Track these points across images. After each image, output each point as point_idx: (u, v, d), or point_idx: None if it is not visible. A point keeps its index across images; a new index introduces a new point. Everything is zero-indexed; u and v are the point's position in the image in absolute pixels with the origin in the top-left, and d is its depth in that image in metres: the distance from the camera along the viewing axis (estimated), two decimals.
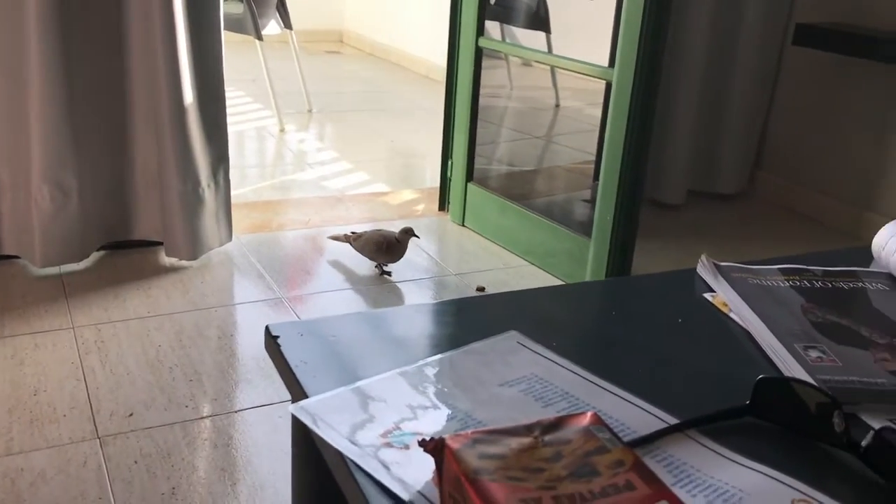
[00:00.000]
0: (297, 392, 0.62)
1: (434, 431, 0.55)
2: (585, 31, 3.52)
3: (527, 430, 0.48)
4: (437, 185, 3.01)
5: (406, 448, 0.53)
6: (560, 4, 3.94)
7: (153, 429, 1.66)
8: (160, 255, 2.42)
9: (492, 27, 3.72)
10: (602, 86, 2.73)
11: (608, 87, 2.33)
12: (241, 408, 1.76)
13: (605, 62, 2.61)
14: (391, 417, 0.57)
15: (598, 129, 3.09)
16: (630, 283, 0.94)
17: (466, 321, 0.74)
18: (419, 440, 0.49)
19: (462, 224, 2.87)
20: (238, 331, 2.09)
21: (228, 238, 2.49)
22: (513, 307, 0.77)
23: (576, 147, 3.99)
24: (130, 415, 1.70)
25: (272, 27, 4.02)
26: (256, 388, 1.83)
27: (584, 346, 0.72)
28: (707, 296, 0.79)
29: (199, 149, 2.32)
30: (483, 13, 2.71)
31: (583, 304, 0.82)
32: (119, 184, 2.35)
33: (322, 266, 2.50)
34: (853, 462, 0.54)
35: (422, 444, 0.48)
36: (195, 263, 2.40)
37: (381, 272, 2.45)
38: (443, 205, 2.99)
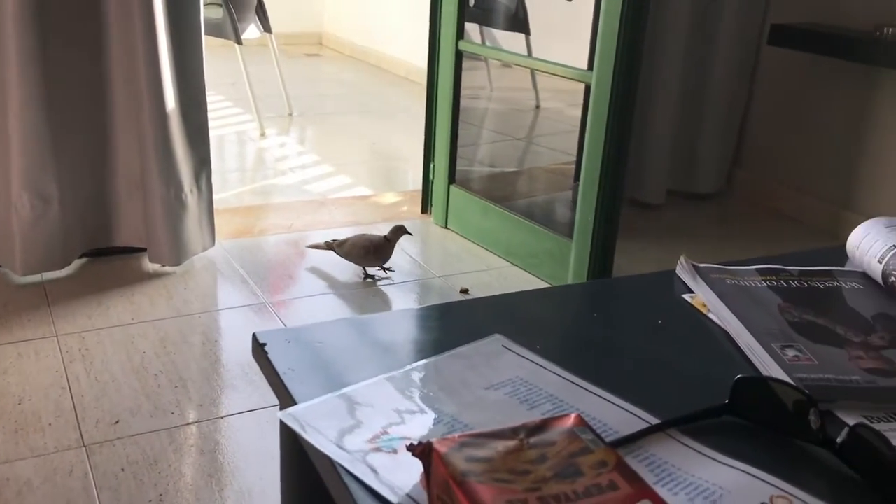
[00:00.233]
0: (286, 399, 0.62)
1: (421, 435, 0.56)
2: (564, 32, 3.54)
3: (512, 433, 0.49)
4: (420, 188, 3.02)
5: (394, 452, 0.54)
6: (539, 6, 3.96)
7: (139, 436, 1.66)
8: (143, 262, 2.42)
9: (471, 29, 3.73)
10: (582, 86, 2.74)
11: (587, 89, 2.34)
12: (227, 413, 1.77)
13: (584, 62, 2.63)
14: (379, 422, 0.58)
15: (579, 131, 3.11)
16: (611, 286, 0.96)
17: (451, 325, 0.75)
18: (407, 444, 0.50)
19: (445, 226, 2.88)
20: (222, 336, 2.10)
21: (211, 243, 2.49)
22: (497, 311, 0.78)
23: (556, 148, 4.01)
24: (116, 422, 1.70)
25: (251, 31, 4.01)
26: (242, 394, 1.84)
27: (568, 349, 0.73)
28: (686, 297, 0.80)
29: (182, 154, 2.32)
30: (463, 16, 2.72)
31: (565, 307, 0.83)
32: (100, 190, 2.34)
33: (305, 271, 2.51)
34: (829, 458, 0.55)
35: (410, 449, 0.49)
36: (178, 269, 2.39)
37: (366, 276, 2.44)
38: (425, 207, 3.00)
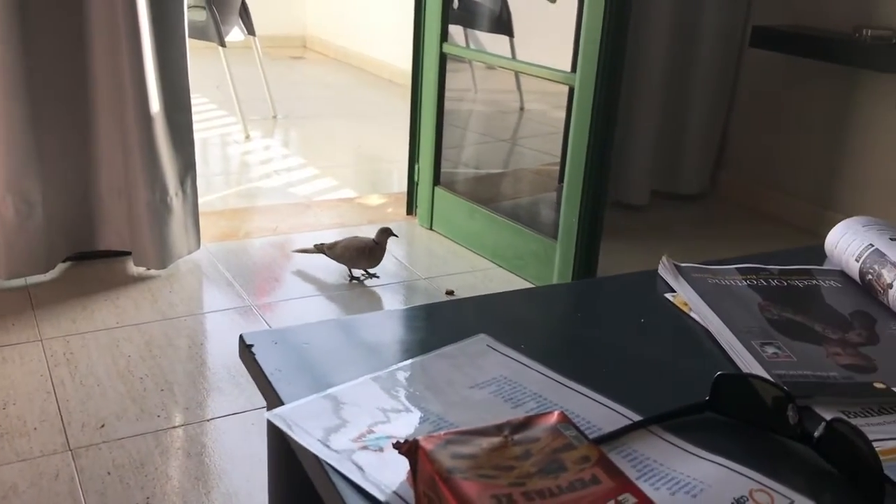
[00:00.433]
0: (273, 399, 0.63)
1: (407, 434, 0.57)
2: (548, 35, 3.56)
3: (497, 430, 0.50)
4: (405, 190, 3.02)
5: (380, 451, 0.55)
6: (522, 8, 3.98)
7: (125, 439, 1.66)
8: (128, 265, 2.41)
9: (455, 31, 3.74)
10: (565, 88, 2.76)
11: (571, 92, 2.36)
12: (213, 416, 1.77)
13: (567, 63, 2.64)
14: (365, 421, 0.58)
15: (563, 132, 3.13)
16: (595, 285, 0.97)
17: (437, 326, 0.76)
18: (393, 442, 0.51)
19: (430, 228, 2.89)
20: (208, 339, 2.09)
21: (196, 246, 2.49)
22: (482, 311, 0.79)
23: (541, 150, 4.03)
24: (102, 426, 1.69)
25: (235, 33, 4.00)
26: (228, 397, 1.84)
27: (552, 348, 0.74)
28: (668, 296, 0.81)
29: (167, 158, 2.31)
30: (447, 19, 2.73)
31: (550, 307, 0.84)
32: (85, 194, 2.33)
33: (290, 273, 2.51)
34: (807, 452, 0.56)
35: (396, 446, 0.50)
36: (163, 273, 2.39)
37: (359, 277, 2.44)
38: (411, 209, 3.01)
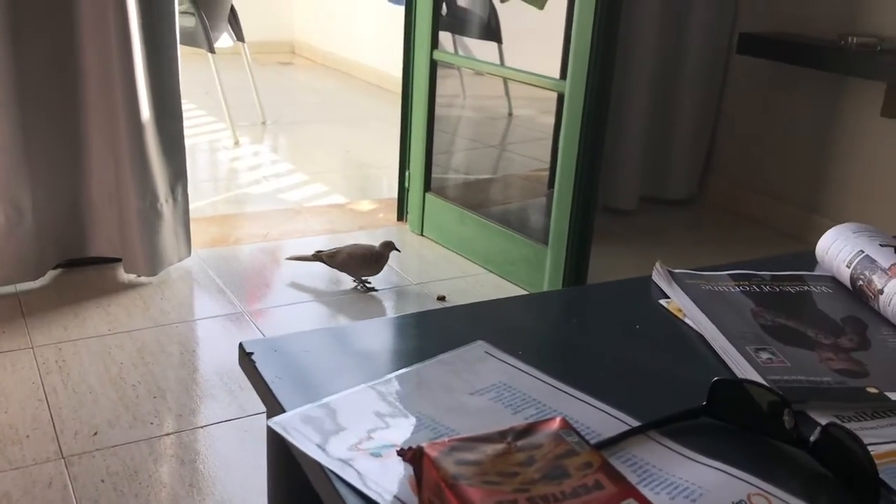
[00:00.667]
0: (274, 407, 0.63)
1: (408, 440, 0.58)
2: (536, 41, 3.58)
3: (500, 437, 0.51)
4: (395, 195, 3.03)
5: (381, 457, 0.56)
6: (511, 15, 3.99)
7: (119, 447, 1.66)
8: (118, 272, 2.41)
9: (443, 37, 3.75)
10: (553, 94, 2.77)
11: (560, 98, 2.37)
12: (207, 423, 1.76)
13: (556, 70, 2.66)
14: (365, 428, 0.59)
15: (552, 138, 3.14)
16: (590, 292, 0.98)
17: (434, 333, 0.76)
18: (398, 449, 0.51)
19: (421, 234, 2.90)
20: (200, 346, 2.09)
21: (188, 253, 2.48)
22: (479, 318, 0.80)
23: (530, 155, 4.04)
24: (95, 433, 1.69)
25: (224, 39, 4.00)
26: (221, 403, 1.84)
27: (549, 354, 0.75)
28: (662, 302, 0.82)
29: (157, 165, 2.31)
30: (437, 27, 2.74)
31: (545, 313, 0.85)
32: (75, 200, 2.33)
33: (282, 280, 2.51)
34: (803, 457, 0.57)
35: (401, 454, 0.51)
36: (154, 279, 2.39)
37: (365, 287, 2.43)
38: (401, 215, 3.01)
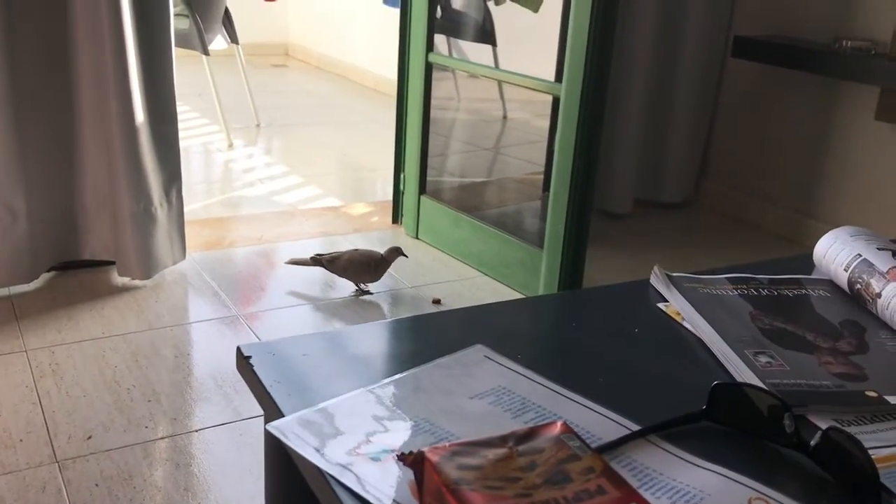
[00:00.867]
0: (272, 411, 0.63)
1: (407, 445, 0.57)
2: (530, 44, 3.58)
3: (501, 441, 0.51)
4: (390, 198, 3.03)
5: (381, 461, 0.55)
6: (505, 18, 4.00)
7: (113, 451, 1.65)
8: (112, 275, 2.40)
9: (438, 40, 3.76)
10: (548, 96, 2.77)
11: (555, 101, 2.37)
12: (202, 427, 1.76)
13: (550, 72, 2.66)
14: (365, 432, 0.59)
15: (547, 141, 3.15)
16: (588, 295, 0.97)
17: (433, 336, 0.76)
18: (399, 454, 0.51)
19: (416, 237, 2.90)
20: (195, 349, 2.09)
21: (182, 256, 2.48)
22: (477, 321, 0.79)
23: (524, 158, 4.05)
24: (89, 437, 1.68)
25: (218, 42, 4.00)
26: (216, 407, 1.83)
27: (548, 358, 0.74)
28: (661, 305, 0.82)
29: (151, 168, 2.30)
30: (433, 29, 2.74)
31: (544, 317, 0.85)
32: (69, 203, 2.32)
33: (277, 283, 2.50)
34: (804, 461, 0.57)
35: (402, 458, 0.51)
36: (149, 283, 2.38)
37: (362, 292, 2.42)
38: (396, 218, 3.01)
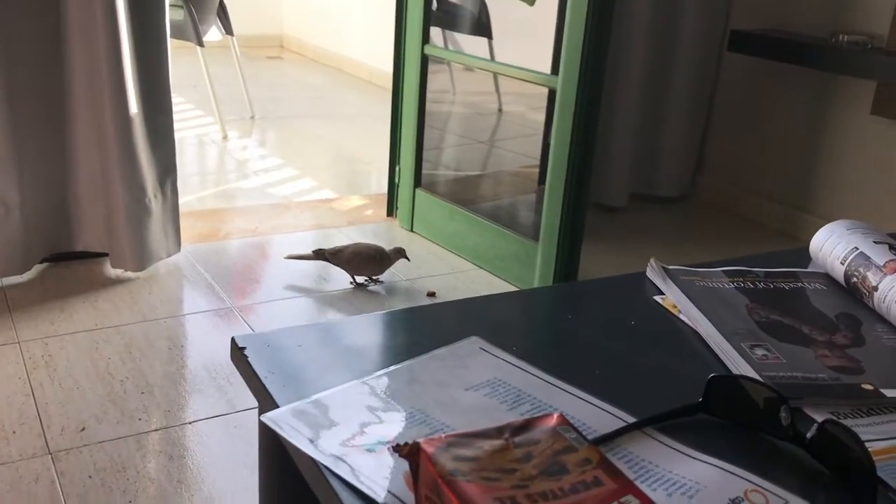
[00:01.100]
0: (267, 402, 0.62)
1: (402, 436, 0.57)
2: (526, 36, 3.57)
3: (497, 433, 0.50)
4: (384, 191, 3.02)
5: (375, 453, 0.55)
6: (501, 10, 3.99)
7: (106, 442, 1.64)
8: (105, 267, 2.39)
9: (434, 33, 3.75)
10: (543, 90, 2.77)
11: (551, 93, 2.37)
12: (195, 419, 1.75)
13: (546, 64, 2.65)
14: (359, 423, 0.58)
15: (542, 134, 3.14)
16: (584, 288, 0.97)
17: (429, 328, 0.76)
18: (394, 445, 0.51)
19: (411, 230, 2.89)
20: (189, 341, 2.08)
21: (176, 249, 2.47)
22: (473, 313, 0.79)
23: (520, 151, 4.04)
24: (82, 429, 1.68)
25: (213, 33, 3.98)
26: (209, 399, 1.83)
27: (543, 350, 0.74)
28: (657, 298, 0.82)
29: (146, 160, 2.29)
30: (428, 21, 2.73)
31: (539, 309, 0.85)
32: (63, 195, 2.31)
33: (271, 275, 2.50)
34: (799, 453, 0.57)
35: (397, 449, 0.50)
36: (142, 274, 2.37)
37: (364, 283, 2.43)
38: (391, 210, 3.00)
